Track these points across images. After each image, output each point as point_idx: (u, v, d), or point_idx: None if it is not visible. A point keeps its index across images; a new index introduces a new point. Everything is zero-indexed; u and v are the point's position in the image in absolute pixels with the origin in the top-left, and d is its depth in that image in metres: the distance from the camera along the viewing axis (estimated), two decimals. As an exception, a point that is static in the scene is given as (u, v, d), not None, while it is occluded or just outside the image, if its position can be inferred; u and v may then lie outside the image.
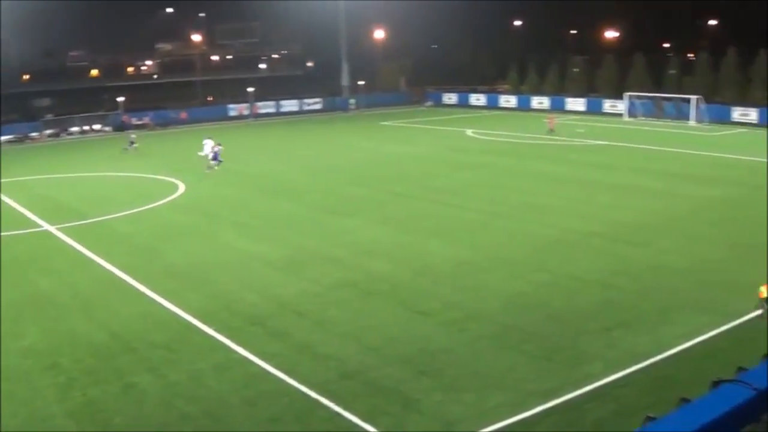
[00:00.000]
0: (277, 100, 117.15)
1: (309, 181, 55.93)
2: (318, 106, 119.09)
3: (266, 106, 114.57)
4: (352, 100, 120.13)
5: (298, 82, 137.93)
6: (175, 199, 51.35)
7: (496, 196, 49.32)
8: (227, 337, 25.83)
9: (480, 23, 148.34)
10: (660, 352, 23.91)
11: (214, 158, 61.71)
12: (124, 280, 33.17)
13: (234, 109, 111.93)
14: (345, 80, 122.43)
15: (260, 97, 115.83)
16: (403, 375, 22.77)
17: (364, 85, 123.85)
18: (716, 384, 2.08)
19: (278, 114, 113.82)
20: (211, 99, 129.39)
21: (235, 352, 24.63)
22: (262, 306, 29.22)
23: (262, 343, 25.33)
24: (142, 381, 22.84)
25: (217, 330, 26.49)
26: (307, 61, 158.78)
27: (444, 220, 43.12)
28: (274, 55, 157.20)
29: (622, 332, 25.80)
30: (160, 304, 29.75)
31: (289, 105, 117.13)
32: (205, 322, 27.35)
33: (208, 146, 63.68)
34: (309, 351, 24.73)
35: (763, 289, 27.57)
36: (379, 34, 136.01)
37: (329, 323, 27.20)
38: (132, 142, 75.05)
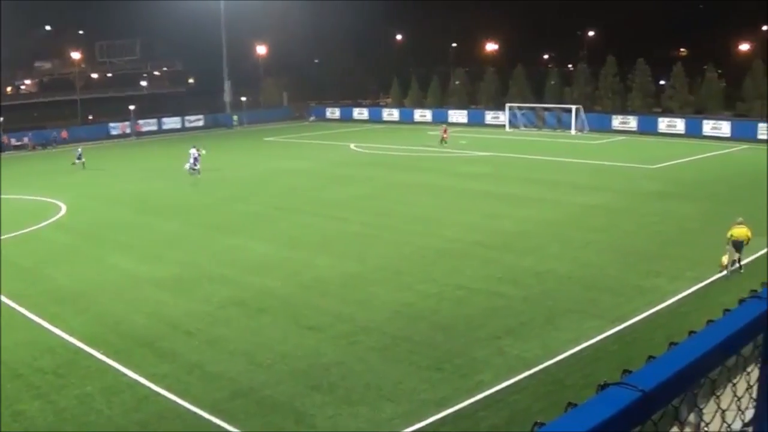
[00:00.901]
0: (158, 117, 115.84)
1: (193, 199, 55.47)
2: (200, 123, 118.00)
3: (148, 124, 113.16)
4: (235, 117, 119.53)
5: (180, 99, 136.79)
6: (58, 220, 50.39)
7: (382, 209, 49.59)
8: (116, 360, 25.41)
9: (361, 37, 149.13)
10: (549, 358, 24.33)
11: (194, 163, 65.38)
12: (9, 306, 32.38)
13: (115, 127, 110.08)
14: (227, 96, 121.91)
15: (142, 114, 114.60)
16: (295, 391, 22.74)
17: (247, 101, 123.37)
18: (602, 387, 2.16)
19: (160, 132, 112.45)
20: (92, 118, 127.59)
21: (125, 375, 24.24)
22: (150, 327, 28.83)
23: (151, 365, 25.02)
24: (31, 408, 22.37)
25: (105, 353, 26.04)
26: (189, 78, 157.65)
27: (331, 233, 43.17)
28: (155, 72, 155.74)
29: (511, 339, 26.16)
30: (47, 329, 29.10)
31: (172, 122, 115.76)
32: (92, 346, 26.84)
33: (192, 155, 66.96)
34: (199, 370, 24.51)
35: (723, 258, 33.07)
36: (261, 49, 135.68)
37: (219, 342, 26.98)
38: (79, 157, 74.12)
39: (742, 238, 33.12)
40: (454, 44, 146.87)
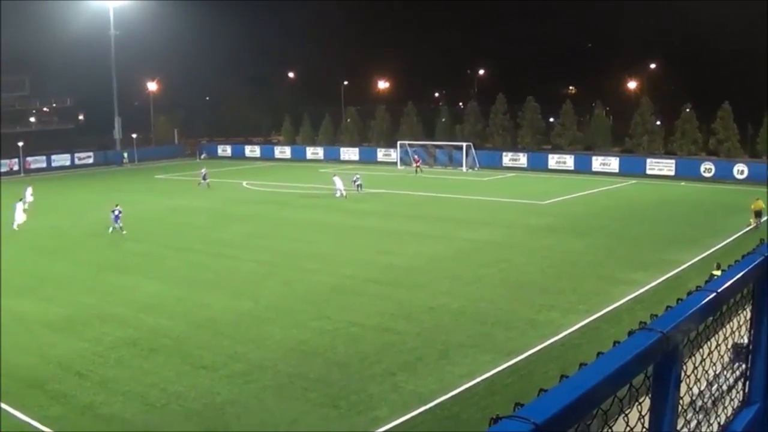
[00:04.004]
0: (48, 154, 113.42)
1: (84, 238, 54.31)
2: (90, 160, 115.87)
3: (37, 161, 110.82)
4: (125, 154, 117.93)
5: (70, 136, 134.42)
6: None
7: (275, 247, 49.36)
8: (6, 402, 24.69)
9: (253, 75, 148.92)
10: (445, 392, 24.42)
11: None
12: None
13: (3, 164, 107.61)
14: (117, 133, 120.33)
15: (31, 151, 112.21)
16: (190, 431, 22.49)
17: (137, 138, 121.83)
18: (495, 421, 2.18)
19: (50, 169, 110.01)
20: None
21: (15, 418, 23.63)
22: (41, 369, 28.15)
23: (43, 407, 24.42)
24: None
25: (-7, 396, 25.48)
26: (79, 114, 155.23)
27: (223, 272, 42.79)
28: (44, 108, 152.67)
29: (406, 375, 26.21)
30: (-69, 373, 28.40)
31: (61, 159, 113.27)
32: (-20, 389, 26.24)
33: (339, 182, 72.82)
34: (92, 412, 24.04)
35: (751, 220, 51.76)
36: (152, 86, 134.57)
37: (112, 383, 26.48)
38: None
39: (760, 208, 51.89)
40: (346, 82, 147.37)
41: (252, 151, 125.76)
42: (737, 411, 4.86)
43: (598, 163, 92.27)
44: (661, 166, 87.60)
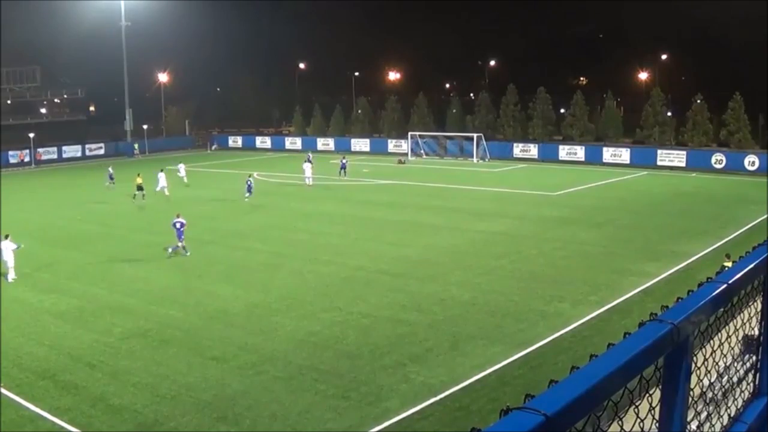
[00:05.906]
0: (59, 145, 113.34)
1: (94, 229, 54.33)
2: (101, 152, 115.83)
3: (48, 153, 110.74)
4: (136, 145, 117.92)
5: (81, 127, 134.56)
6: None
7: (285, 238, 49.38)
8: (17, 393, 24.80)
9: (265, 65, 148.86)
10: (455, 384, 24.45)
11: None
12: None
13: (14, 155, 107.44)
14: (129, 124, 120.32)
15: (42, 142, 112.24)
16: (200, 422, 22.48)
17: (148, 129, 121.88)
18: (505, 412, 2.18)
19: (61, 160, 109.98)
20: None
21: (26, 409, 23.67)
22: (52, 360, 28.21)
23: (53, 398, 24.47)
24: (-73, 445, 21.87)
25: (6, 387, 25.40)
26: (90, 106, 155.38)
27: (234, 263, 42.84)
28: (56, 100, 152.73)
29: (417, 366, 26.23)
30: (-57, 363, 28.46)
31: (72, 151, 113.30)
32: (-9, 380, 26.29)
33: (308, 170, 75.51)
34: (103, 403, 24.06)
35: None
36: (163, 77, 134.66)
37: (122, 374, 26.52)
38: None
39: None
40: (357, 73, 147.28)
41: (263, 142, 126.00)
42: (747, 402, 4.86)
43: (609, 154, 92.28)
44: (672, 158, 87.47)
